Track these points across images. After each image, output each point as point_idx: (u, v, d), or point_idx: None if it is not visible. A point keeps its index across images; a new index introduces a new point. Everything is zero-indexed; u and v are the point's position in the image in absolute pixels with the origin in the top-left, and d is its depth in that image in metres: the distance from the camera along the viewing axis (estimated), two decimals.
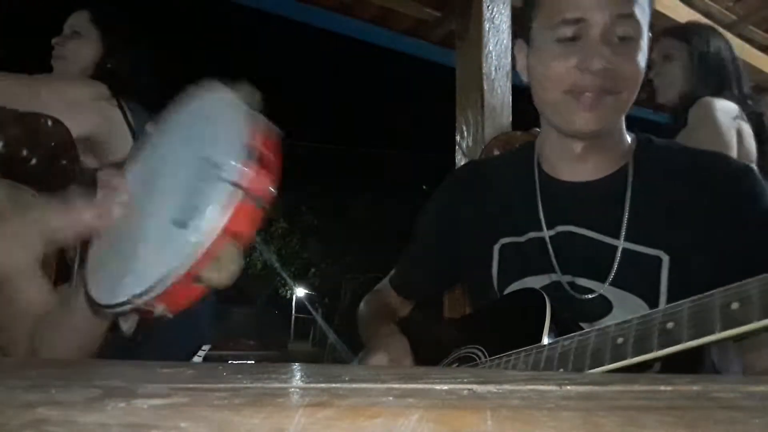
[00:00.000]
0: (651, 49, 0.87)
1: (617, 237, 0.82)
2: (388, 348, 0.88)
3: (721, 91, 1.69)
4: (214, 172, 0.58)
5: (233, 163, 0.58)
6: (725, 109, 1.63)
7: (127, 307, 0.61)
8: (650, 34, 0.84)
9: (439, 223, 1.03)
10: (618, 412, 0.26)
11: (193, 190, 0.60)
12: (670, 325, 0.59)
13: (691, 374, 0.51)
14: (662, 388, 0.32)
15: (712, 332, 0.55)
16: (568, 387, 0.32)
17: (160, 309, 0.60)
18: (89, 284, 0.68)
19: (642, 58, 0.81)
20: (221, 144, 0.61)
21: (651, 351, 0.59)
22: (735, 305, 0.55)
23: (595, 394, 0.31)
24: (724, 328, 0.55)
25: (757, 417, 0.25)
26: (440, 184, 1.08)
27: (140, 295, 0.59)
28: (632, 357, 0.60)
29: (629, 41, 0.79)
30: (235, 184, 0.57)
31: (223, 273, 0.59)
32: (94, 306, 0.66)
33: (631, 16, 0.78)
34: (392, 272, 1.12)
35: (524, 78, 0.90)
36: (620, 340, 0.62)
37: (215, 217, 0.56)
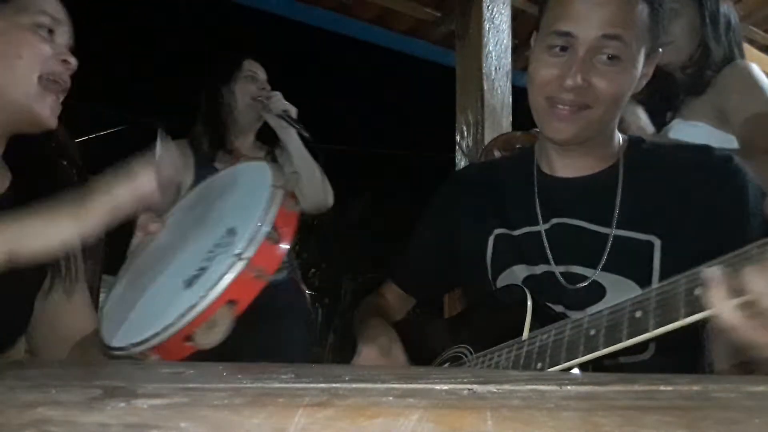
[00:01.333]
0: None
1: (609, 225, 0.86)
2: (375, 339, 0.89)
3: (733, 55, 1.52)
4: (230, 240, 0.65)
5: (247, 236, 0.64)
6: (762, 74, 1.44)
7: (124, 353, 0.65)
8: (661, 51, 0.87)
9: (440, 218, 1.05)
10: (618, 412, 0.26)
11: (208, 256, 0.66)
12: (638, 313, 0.60)
13: (690, 374, 0.51)
14: (662, 388, 0.32)
15: (676, 319, 0.56)
16: (568, 387, 0.32)
17: (153, 359, 0.64)
18: (102, 322, 0.73)
19: (628, 79, 0.83)
20: (245, 214, 0.68)
21: (620, 341, 0.60)
22: (698, 291, 0.56)
23: (595, 394, 0.31)
24: (688, 315, 0.56)
25: (757, 417, 0.25)
26: (443, 183, 1.10)
27: (137, 344, 0.64)
28: (603, 348, 0.61)
29: (616, 61, 0.82)
30: (241, 257, 0.62)
31: (213, 336, 0.63)
32: (101, 343, 0.70)
33: (617, 38, 0.81)
34: (393, 268, 1.13)
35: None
36: (593, 331, 0.64)
37: (216, 283, 0.62)
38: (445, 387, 0.32)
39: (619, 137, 0.93)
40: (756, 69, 1.44)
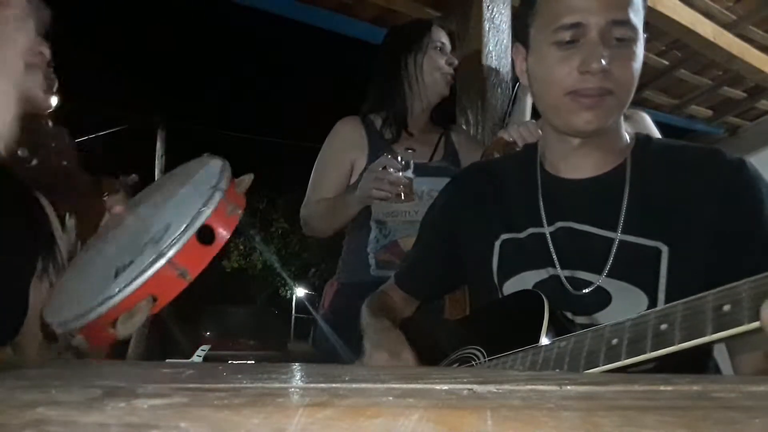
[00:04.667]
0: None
1: (615, 230, 0.83)
2: (383, 343, 0.88)
3: None
4: (162, 236, 0.67)
5: (175, 234, 0.66)
6: None
7: (56, 329, 0.69)
8: (645, 35, 0.85)
9: (443, 221, 1.04)
10: (618, 412, 0.26)
11: (141, 249, 0.69)
12: (663, 326, 0.59)
13: (691, 374, 0.50)
14: (662, 388, 0.32)
15: (703, 334, 0.56)
16: (568, 387, 0.32)
17: (78, 340, 0.69)
18: (47, 301, 0.77)
19: (638, 60, 0.82)
20: (184, 211, 0.70)
21: (644, 352, 0.59)
22: (727, 307, 0.55)
23: (595, 394, 0.31)
24: (716, 330, 0.55)
25: (757, 417, 0.25)
26: (446, 184, 1.09)
27: (62, 323, 0.67)
28: (626, 358, 0.60)
29: (626, 43, 0.81)
30: (163, 255, 0.64)
31: (130, 327, 0.67)
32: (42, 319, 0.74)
33: (627, 23, 0.80)
34: (397, 270, 1.13)
35: (523, 81, 0.93)
36: (615, 341, 0.63)
37: (135, 278, 0.64)
38: (445, 387, 0.32)
39: (626, 135, 0.90)
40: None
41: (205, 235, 0.67)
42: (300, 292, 20.49)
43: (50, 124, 1.09)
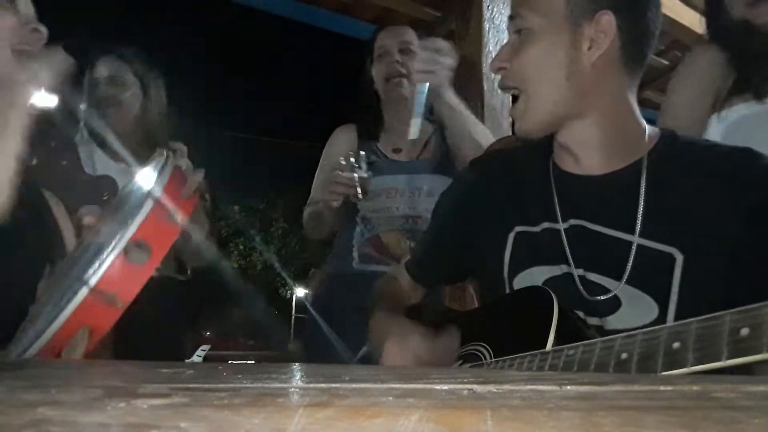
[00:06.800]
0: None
1: (632, 232, 0.79)
2: (391, 330, 0.86)
3: None
4: (92, 260, 0.62)
5: (102, 257, 0.61)
6: None
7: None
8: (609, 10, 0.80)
9: (457, 210, 1.01)
10: (618, 412, 0.26)
11: (71, 279, 0.64)
12: (676, 345, 0.56)
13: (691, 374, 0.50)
14: (662, 388, 0.32)
15: (718, 359, 0.53)
16: (568, 387, 0.32)
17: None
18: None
19: (544, 47, 0.80)
20: (114, 229, 0.64)
21: (654, 371, 0.56)
22: (745, 331, 0.52)
23: (595, 394, 0.31)
24: (731, 356, 0.52)
25: (757, 417, 0.25)
26: (460, 172, 1.06)
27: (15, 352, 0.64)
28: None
29: (526, 33, 0.81)
30: (86, 283, 0.61)
31: (75, 353, 0.63)
32: None
33: (516, 16, 0.82)
34: (408, 256, 1.11)
35: None
36: (624, 356, 0.60)
37: (63, 309, 0.61)
38: (445, 387, 0.32)
39: (647, 130, 0.85)
40: None
41: (137, 252, 0.61)
42: (300, 292, 20.49)
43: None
